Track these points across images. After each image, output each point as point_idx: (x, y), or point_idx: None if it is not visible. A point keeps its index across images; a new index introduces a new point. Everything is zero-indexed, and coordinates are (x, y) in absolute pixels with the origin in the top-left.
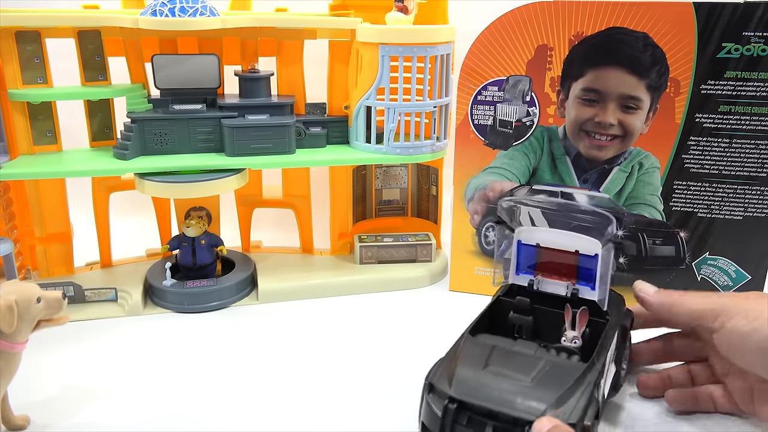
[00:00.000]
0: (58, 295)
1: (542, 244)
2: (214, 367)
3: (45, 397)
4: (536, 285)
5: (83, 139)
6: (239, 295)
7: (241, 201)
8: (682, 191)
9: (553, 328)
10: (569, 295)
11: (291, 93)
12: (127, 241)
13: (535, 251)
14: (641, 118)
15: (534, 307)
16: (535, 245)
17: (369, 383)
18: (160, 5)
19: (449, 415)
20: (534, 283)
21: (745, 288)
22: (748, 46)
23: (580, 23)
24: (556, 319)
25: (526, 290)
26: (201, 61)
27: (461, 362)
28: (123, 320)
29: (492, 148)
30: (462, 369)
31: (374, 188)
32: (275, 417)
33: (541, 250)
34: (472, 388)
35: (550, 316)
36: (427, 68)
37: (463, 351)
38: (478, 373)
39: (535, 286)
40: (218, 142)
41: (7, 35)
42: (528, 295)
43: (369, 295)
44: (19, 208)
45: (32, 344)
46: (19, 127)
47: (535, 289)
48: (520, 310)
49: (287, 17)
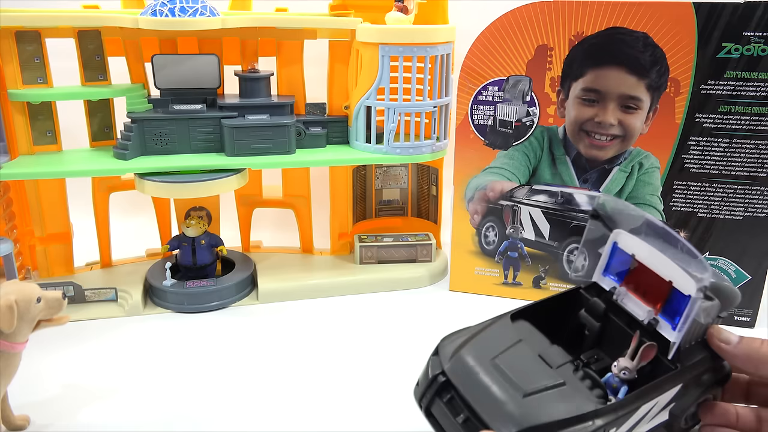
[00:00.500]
0: (58, 295)
1: (638, 257)
2: (214, 367)
3: (45, 397)
4: (617, 296)
5: (83, 139)
6: (239, 295)
7: (241, 201)
8: (682, 191)
9: (617, 345)
10: (646, 323)
11: (291, 93)
12: (127, 241)
13: (629, 261)
14: (641, 118)
15: (607, 314)
16: (631, 255)
17: (369, 383)
18: (160, 5)
19: (435, 385)
20: (616, 293)
21: (745, 288)
22: (748, 46)
23: (580, 23)
24: (624, 338)
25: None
26: (201, 61)
27: (474, 343)
28: (123, 320)
29: (492, 148)
30: (469, 351)
31: (374, 188)
32: (275, 417)
33: (636, 263)
34: (465, 373)
35: (619, 332)
36: (427, 68)
37: (487, 331)
38: (482, 362)
39: (615, 296)
40: (218, 142)
41: (7, 35)
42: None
43: (369, 295)
44: (19, 208)
45: (32, 344)
46: (19, 127)
47: (614, 300)
48: (592, 312)
49: (287, 17)
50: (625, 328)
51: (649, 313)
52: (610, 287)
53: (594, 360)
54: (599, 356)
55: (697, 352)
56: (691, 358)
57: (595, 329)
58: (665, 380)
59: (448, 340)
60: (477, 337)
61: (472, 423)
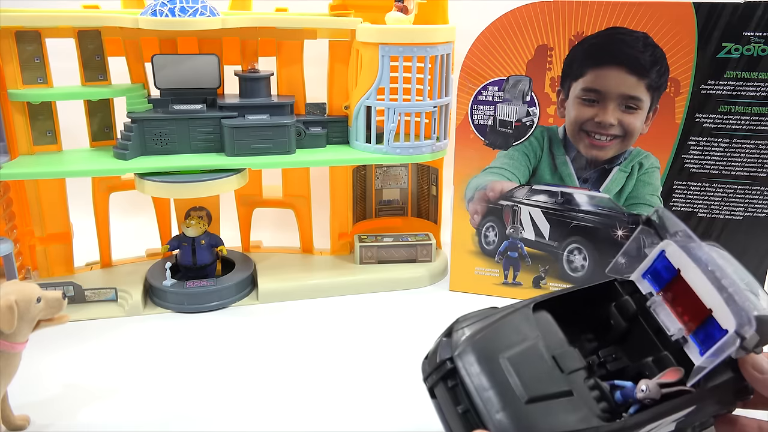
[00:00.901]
0: (58, 295)
1: (682, 273)
2: (214, 367)
3: (45, 397)
4: (651, 304)
5: (83, 139)
6: (239, 295)
7: (241, 201)
8: (682, 191)
9: (638, 349)
10: (674, 339)
11: (291, 93)
12: (127, 241)
13: (673, 273)
14: (641, 118)
15: (637, 317)
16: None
17: (369, 383)
18: (160, 5)
19: (442, 369)
20: (651, 301)
21: None
22: (748, 46)
23: (580, 23)
24: (648, 345)
25: (638, 296)
26: (201, 61)
27: (489, 334)
28: (123, 320)
29: (492, 148)
30: (482, 342)
31: (374, 188)
32: (275, 417)
33: (679, 277)
34: (473, 366)
35: (644, 338)
36: (427, 68)
37: (505, 321)
38: (492, 357)
39: (649, 303)
40: (218, 142)
41: (7, 35)
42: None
43: (369, 295)
44: (19, 208)
45: (32, 344)
46: (19, 127)
47: (647, 306)
48: (621, 310)
49: (287, 17)
50: (652, 336)
51: (680, 331)
52: (646, 292)
53: (612, 359)
54: (618, 355)
55: (721, 373)
56: (713, 379)
57: (621, 328)
58: (681, 402)
59: (463, 323)
60: (493, 327)
61: (471, 416)
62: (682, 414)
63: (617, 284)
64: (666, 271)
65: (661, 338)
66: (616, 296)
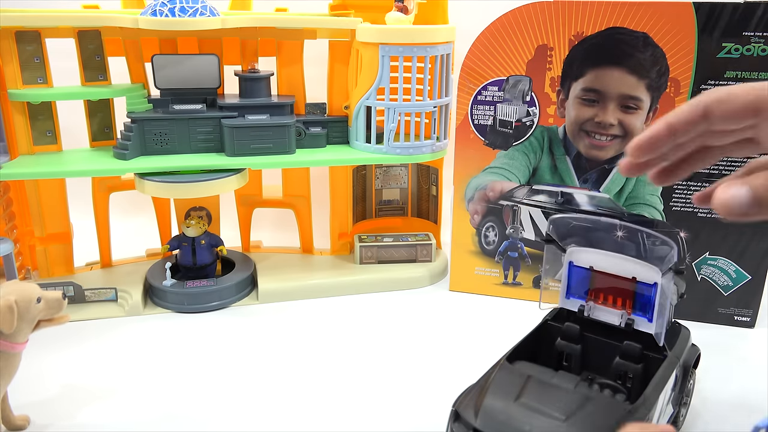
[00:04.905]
0: (58, 295)
1: (596, 268)
2: (214, 367)
3: (45, 397)
4: (587, 312)
5: (83, 139)
6: (239, 295)
7: (241, 201)
8: (682, 191)
9: (603, 358)
10: (623, 326)
11: (291, 93)
12: (127, 241)
13: (588, 274)
14: (641, 118)
15: (584, 334)
16: (588, 268)
17: (369, 383)
18: (160, 5)
19: None
20: (585, 309)
21: (745, 288)
22: (748, 46)
23: (580, 23)
24: (607, 350)
25: (576, 316)
26: (201, 61)
27: (492, 391)
28: (123, 320)
29: (492, 148)
30: (491, 399)
31: (374, 188)
32: (275, 417)
33: (595, 273)
34: (500, 421)
35: (600, 345)
36: (427, 68)
37: (495, 379)
38: (509, 404)
39: (586, 312)
40: (218, 142)
41: (7, 35)
42: (578, 321)
43: (369, 295)
44: (19, 208)
45: (32, 344)
46: (19, 127)
47: (585, 316)
48: (568, 337)
49: (287, 17)
50: (604, 340)
51: (623, 316)
52: (577, 307)
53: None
54: (591, 376)
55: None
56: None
57: (577, 353)
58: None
59: (462, 403)
60: (489, 388)
61: None
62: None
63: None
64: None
65: (614, 335)
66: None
